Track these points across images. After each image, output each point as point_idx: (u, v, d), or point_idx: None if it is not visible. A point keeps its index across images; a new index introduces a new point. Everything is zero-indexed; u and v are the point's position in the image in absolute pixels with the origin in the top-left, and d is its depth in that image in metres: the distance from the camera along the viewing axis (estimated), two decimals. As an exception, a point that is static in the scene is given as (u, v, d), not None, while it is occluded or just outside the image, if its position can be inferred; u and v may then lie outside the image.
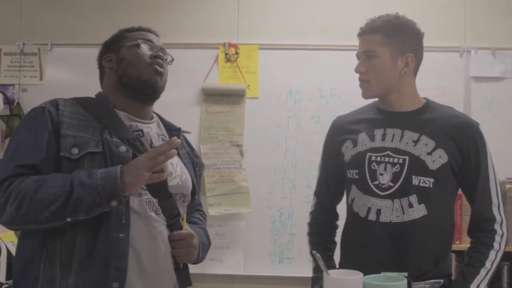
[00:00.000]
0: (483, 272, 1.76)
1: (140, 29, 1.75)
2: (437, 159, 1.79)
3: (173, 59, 1.77)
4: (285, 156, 3.34)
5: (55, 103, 1.57)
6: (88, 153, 1.49)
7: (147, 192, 1.56)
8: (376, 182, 1.81)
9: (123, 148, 1.52)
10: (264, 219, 3.32)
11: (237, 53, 3.39)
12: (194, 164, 1.80)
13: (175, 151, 1.49)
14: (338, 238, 2.02)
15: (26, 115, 1.59)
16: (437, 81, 3.20)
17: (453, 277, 1.88)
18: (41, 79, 3.49)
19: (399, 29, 1.84)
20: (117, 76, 1.66)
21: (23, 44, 3.49)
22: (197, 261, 1.71)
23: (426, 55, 3.19)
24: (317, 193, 2.06)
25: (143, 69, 1.64)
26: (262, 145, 3.35)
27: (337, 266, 1.94)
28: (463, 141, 1.81)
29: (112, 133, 1.55)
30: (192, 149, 1.85)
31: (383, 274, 1.63)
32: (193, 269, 3.23)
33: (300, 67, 3.37)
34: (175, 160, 1.67)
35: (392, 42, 1.82)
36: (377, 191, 1.81)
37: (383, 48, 1.82)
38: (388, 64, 1.83)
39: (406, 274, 1.65)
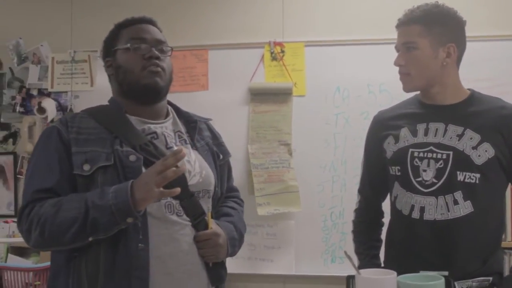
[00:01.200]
0: None
1: (133, 21, 1.67)
2: (483, 153, 1.71)
3: (171, 49, 1.69)
4: (334, 153, 3.30)
5: (64, 121, 1.58)
6: (100, 167, 1.49)
7: None
8: (419, 179, 1.75)
9: (133, 157, 1.51)
10: (315, 218, 3.29)
11: (282, 51, 3.37)
12: (214, 154, 1.75)
13: (185, 167, 1.50)
14: (383, 235, 1.97)
15: (39, 137, 1.61)
16: (488, 72, 3.09)
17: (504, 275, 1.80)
18: (91, 85, 3.58)
19: (439, 18, 1.77)
20: (118, 84, 1.64)
21: (74, 51, 3.59)
22: (227, 256, 1.68)
23: (476, 45, 3.10)
24: (361, 190, 2.02)
25: (139, 74, 1.59)
26: (310, 143, 3.31)
27: (382, 265, 1.89)
28: (511, 133, 1.73)
29: (123, 141, 1.54)
30: (215, 137, 1.81)
31: (422, 273, 1.58)
32: (244, 269, 3.27)
33: (347, 63, 3.31)
34: (193, 156, 1.64)
35: (432, 33, 1.75)
36: (420, 188, 1.75)
37: (423, 39, 1.76)
38: (429, 55, 1.76)
39: (446, 273, 1.61)
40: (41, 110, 3.50)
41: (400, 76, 1.83)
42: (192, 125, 1.73)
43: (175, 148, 1.61)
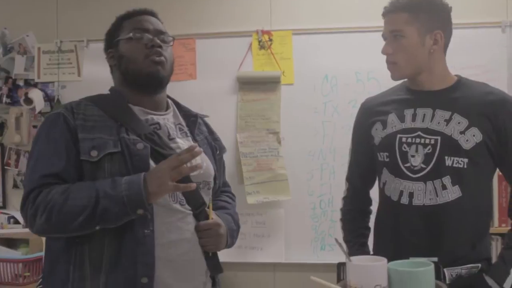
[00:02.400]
0: None
1: (134, 13, 1.70)
2: (471, 138, 1.72)
3: (173, 39, 1.73)
4: (323, 141, 3.31)
5: (69, 107, 1.58)
6: (107, 153, 1.50)
7: None
8: (408, 165, 1.76)
9: (140, 145, 1.53)
10: (304, 206, 3.30)
11: (270, 40, 3.36)
12: (213, 148, 1.79)
13: (200, 163, 1.52)
14: (372, 223, 1.99)
15: (42, 123, 1.61)
16: (477, 59, 3.11)
17: (493, 261, 1.82)
18: (79, 75, 3.55)
19: (425, 5, 1.77)
20: (121, 74, 1.66)
21: (60, 41, 3.56)
22: (227, 247, 1.71)
23: (465, 32, 3.12)
24: (348, 178, 2.03)
25: (142, 63, 1.61)
26: (299, 131, 3.32)
27: (371, 252, 1.91)
28: (498, 118, 1.74)
29: (129, 130, 1.55)
30: (211, 132, 1.85)
31: (411, 259, 1.59)
32: (234, 258, 3.28)
33: (335, 51, 3.31)
34: None
35: (419, 20, 1.76)
36: (408, 173, 1.76)
37: (410, 27, 1.76)
38: (416, 43, 1.77)
39: (436, 259, 1.63)
40: (28, 101, 3.47)
41: (388, 64, 1.84)
42: (192, 119, 1.77)
43: (177, 139, 1.64)
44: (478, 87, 1.82)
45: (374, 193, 1.99)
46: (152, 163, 1.54)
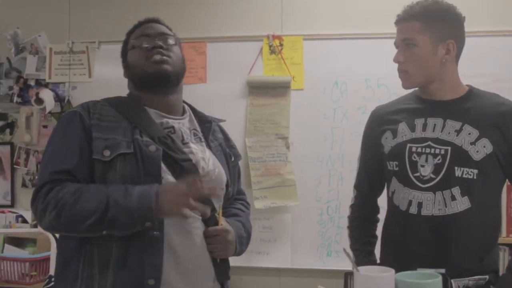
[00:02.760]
0: None
1: (139, 24, 1.74)
2: (481, 149, 1.71)
3: (178, 39, 1.75)
4: (332, 148, 3.30)
5: (86, 106, 1.60)
6: (120, 154, 1.51)
7: None
8: (417, 174, 1.75)
9: (153, 147, 1.53)
10: (311, 212, 3.29)
11: (281, 45, 3.36)
12: (227, 155, 1.78)
13: (208, 212, 1.53)
14: (379, 232, 1.98)
15: (59, 120, 1.64)
16: (489, 67, 3.09)
17: (500, 273, 1.80)
18: (89, 76, 3.57)
19: (439, 14, 1.76)
20: (132, 82, 1.70)
21: (72, 42, 3.58)
22: (235, 254, 1.70)
23: (477, 40, 3.10)
24: (357, 186, 2.01)
25: (144, 65, 1.64)
26: (308, 137, 3.31)
27: (378, 261, 1.89)
28: (509, 129, 1.73)
29: (143, 132, 1.56)
30: (227, 139, 1.85)
31: (419, 270, 1.57)
32: (240, 262, 3.25)
33: (345, 57, 3.31)
34: (207, 154, 1.67)
35: (431, 29, 1.74)
36: (418, 183, 1.75)
37: (423, 36, 1.74)
38: (428, 52, 1.75)
39: (443, 271, 1.61)
40: (39, 101, 3.49)
41: (399, 73, 1.82)
42: (207, 125, 1.77)
43: (191, 144, 1.64)
44: (489, 98, 1.81)
45: (382, 201, 1.98)
46: (163, 166, 1.54)
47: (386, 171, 1.87)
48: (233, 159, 1.81)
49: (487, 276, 1.73)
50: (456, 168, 1.72)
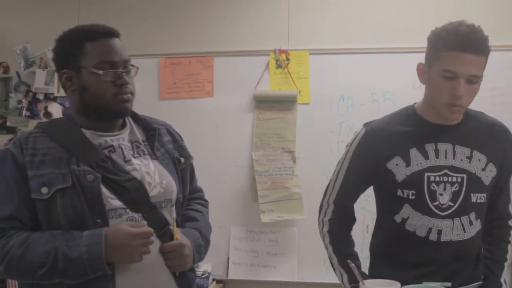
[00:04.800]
0: (505, 266, 1.79)
1: (99, 34, 1.57)
2: (489, 173, 1.77)
3: (137, 69, 1.62)
4: (338, 162, 3.30)
5: (18, 142, 1.52)
6: (58, 189, 1.46)
7: (128, 210, 1.53)
8: (436, 203, 1.74)
9: (90, 176, 1.48)
10: (318, 225, 3.28)
11: (287, 59, 3.38)
12: (175, 160, 1.71)
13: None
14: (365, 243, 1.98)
15: None
16: (494, 82, 3.09)
17: None
18: (97, 90, 3.59)
19: (489, 49, 1.69)
20: (82, 103, 1.57)
21: (81, 56, 3.61)
22: (195, 263, 1.66)
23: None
24: (336, 201, 1.90)
25: (110, 101, 1.55)
26: (314, 151, 3.32)
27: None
28: (506, 150, 1.80)
29: (80, 159, 1.50)
30: (175, 140, 1.77)
31: (425, 284, 1.59)
32: (246, 275, 3.27)
33: (351, 71, 3.33)
34: (152, 167, 1.61)
35: (485, 65, 1.69)
36: (437, 211, 1.74)
37: (482, 71, 1.68)
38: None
39: (449, 284, 1.64)
40: (48, 115, 3.53)
41: (454, 107, 1.70)
42: (151, 133, 1.69)
43: (133, 160, 1.59)
44: (480, 118, 1.83)
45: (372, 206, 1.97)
46: (106, 191, 1.50)
47: (391, 197, 1.80)
48: (183, 161, 1.74)
49: (481, 282, 1.81)
50: (472, 194, 1.75)
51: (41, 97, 3.67)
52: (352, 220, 1.95)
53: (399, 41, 3.25)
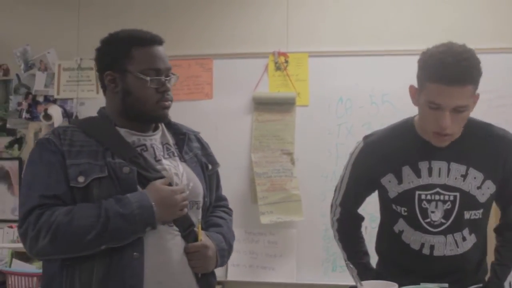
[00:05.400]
0: None
1: (148, 41, 1.63)
2: (486, 191, 1.76)
3: (178, 77, 1.69)
4: (336, 163, 3.31)
5: (56, 133, 1.58)
6: (95, 178, 1.51)
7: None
8: (428, 220, 1.77)
9: (126, 168, 1.54)
10: (316, 227, 3.30)
11: (286, 62, 3.40)
12: (203, 165, 1.76)
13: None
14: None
15: (34, 147, 1.61)
16: (490, 84, 3.10)
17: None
18: (97, 92, 3.61)
19: (481, 70, 1.64)
20: (123, 105, 1.62)
21: (81, 59, 3.63)
22: (217, 267, 1.70)
23: (479, 57, 3.09)
24: (342, 204, 1.97)
25: (151, 107, 1.61)
26: (313, 153, 3.34)
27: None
28: (507, 162, 1.76)
29: (114, 153, 1.56)
30: (204, 148, 1.82)
31: (422, 285, 1.61)
32: (245, 277, 3.28)
33: (350, 73, 3.34)
34: (181, 169, 1.66)
35: (476, 89, 1.65)
36: (429, 228, 1.77)
37: (471, 99, 1.65)
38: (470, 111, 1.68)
39: (446, 285, 1.65)
40: (47, 117, 3.54)
41: (442, 137, 1.69)
42: (181, 137, 1.75)
43: (163, 161, 1.64)
44: (482, 130, 1.78)
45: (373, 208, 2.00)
46: (138, 186, 1.55)
47: (387, 209, 1.86)
48: (210, 167, 1.79)
49: (481, 284, 1.81)
50: (465, 212, 1.76)
51: (41, 99, 3.68)
52: (359, 219, 2.01)
53: (397, 44, 3.27)
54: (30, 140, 3.61)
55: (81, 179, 1.51)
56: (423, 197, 1.76)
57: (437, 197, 1.75)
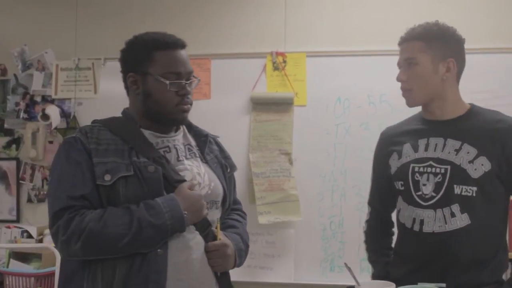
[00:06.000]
0: None
1: (170, 45, 1.66)
2: (479, 167, 1.75)
3: (199, 81, 1.75)
4: (334, 163, 3.32)
5: (83, 131, 1.62)
6: (121, 177, 1.54)
7: None
8: (420, 193, 1.80)
9: (152, 168, 1.56)
10: (314, 227, 3.30)
11: (284, 62, 3.40)
12: (223, 166, 1.80)
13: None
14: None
15: (61, 146, 1.64)
16: (489, 84, 3.12)
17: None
18: (95, 92, 3.61)
19: (439, 34, 1.82)
20: (144, 107, 1.66)
21: (78, 59, 3.63)
22: (235, 266, 1.72)
23: (477, 57, 3.12)
24: (370, 202, 2.07)
25: (171, 110, 1.64)
26: (311, 153, 3.34)
27: None
28: (507, 146, 1.76)
29: (139, 153, 1.58)
30: (222, 151, 1.86)
31: (420, 285, 1.61)
32: (243, 277, 3.29)
33: (348, 73, 3.34)
34: (202, 169, 1.70)
35: (432, 48, 1.80)
36: (420, 201, 1.80)
37: (424, 55, 1.81)
38: (430, 70, 1.81)
39: (444, 285, 1.64)
40: (45, 117, 3.53)
41: (403, 92, 1.87)
42: (203, 139, 1.78)
43: (185, 161, 1.67)
44: (489, 115, 1.85)
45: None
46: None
47: (394, 190, 1.92)
48: (229, 170, 1.83)
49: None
50: (455, 186, 1.76)
51: (38, 99, 3.68)
52: (386, 222, 2.06)
53: (395, 44, 3.25)
54: (27, 140, 3.61)
55: (107, 177, 1.53)
56: (416, 169, 1.82)
57: (429, 169, 1.80)
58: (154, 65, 1.63)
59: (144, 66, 1.64)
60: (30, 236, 3.46)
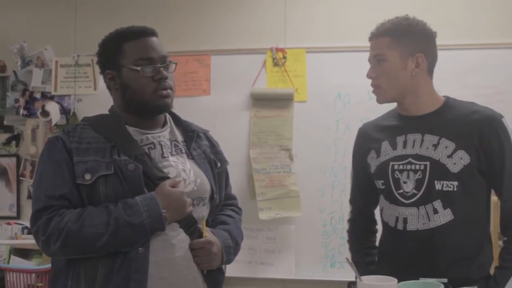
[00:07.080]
0: None
1: (137, 34, 1.65)
2: (458, 161, 1.74)
3: (176, 65, 1.69)
4: (334, 159, 3.32)
5: (66, 130, 1.62)
6: (101, 176, 1.53)
7: None
8: (401, 191, 1.79)
9: (132, 166, 1.55)
10: (315, 223, 3.31)
11: (284, 57, 3.40)
12: (211, 162, 1.77)
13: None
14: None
15: (45, 146, 1.64)
16: (489, 80, 3.11)
17: None
18: (95, 89, 3.61)
19: (407, 29, 1.81)
20: (124, 100, 1.65)
21: (78, 55, 3.63)
22: (222, 264, 1.70)
23: (478, 53, 3.11)
24: (352, 201, 2.04)
25: (149, 96, 1.62)
26: (311, 148, 3.34)
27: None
28: (484, 137, 1.73)
29: (121, 151, 1.58)
30: (213, 146, 1.83)
31: (421, 280, 1.61)
32: (244, 273, 3.29)
33: (348, 69, 3.33)
34: (188, 165, 1.68)
35: (400, 44, 1.79)
36: (402, 199, 1.79)
37: (392, 51, 1.79)
38: (398, 66, 1.79)
39: (445, 280, 1.64)
40: (45, 113, 3.53)
41: (373, 88, 1.87)
42: (190, 135, 1.76)
43: (170, 158, 1.66)
44: (464, 107, 1.82)
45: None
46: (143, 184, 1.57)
47: (375, 189, 1.91)
48: (219, 165, 1.80)
49: (475, 287, 1.73)
50: (436, 182, 1.75)
51: (38, 96, 3.68)
52: (368, 221, 2.03)
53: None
54: (27, 136, 3.61)
55: (87, 176, 1.53)
56: (395, 167, 1.81)
57: (408, 166, 1.79)
58: (126, 57, 1.63)
59: (117, 60, 1.64)
60: (30, 232, 3.45)
